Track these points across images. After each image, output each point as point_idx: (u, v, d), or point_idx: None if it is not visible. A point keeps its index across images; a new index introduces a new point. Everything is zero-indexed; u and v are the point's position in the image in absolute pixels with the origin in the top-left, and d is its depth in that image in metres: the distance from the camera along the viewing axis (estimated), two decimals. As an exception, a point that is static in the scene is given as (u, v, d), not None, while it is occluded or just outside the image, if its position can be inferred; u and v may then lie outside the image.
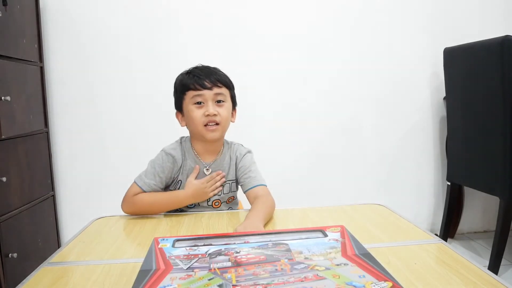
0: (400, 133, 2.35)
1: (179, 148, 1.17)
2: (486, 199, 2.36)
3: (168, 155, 1.15)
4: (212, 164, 1.18)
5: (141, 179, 1.13)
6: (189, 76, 1.13)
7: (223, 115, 1.12)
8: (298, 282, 0.54)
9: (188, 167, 1.16)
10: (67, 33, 2.09)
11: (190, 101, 1.12)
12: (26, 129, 1.80)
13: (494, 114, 1.83)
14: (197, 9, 2.14)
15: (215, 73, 1.14)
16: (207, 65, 1.18)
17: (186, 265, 0.61)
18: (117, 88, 2.14)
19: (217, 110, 1.11)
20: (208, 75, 1.12)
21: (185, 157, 1.16)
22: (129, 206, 1.12)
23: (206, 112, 1.10)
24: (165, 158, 1.14)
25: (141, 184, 1.12)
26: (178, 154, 1.15)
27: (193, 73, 1.13)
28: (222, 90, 1.13)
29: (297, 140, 2.28)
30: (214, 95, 1.11)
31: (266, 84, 2.22)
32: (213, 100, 1.11)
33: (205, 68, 1.15)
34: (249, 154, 1.22)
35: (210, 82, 1.11)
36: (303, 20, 2.22)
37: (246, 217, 1.00)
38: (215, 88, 1.11)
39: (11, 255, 1.58)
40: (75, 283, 0.73)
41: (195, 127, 1.13)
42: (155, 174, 1.13)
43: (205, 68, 1.16)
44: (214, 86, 1.11)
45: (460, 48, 2.05)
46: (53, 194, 2.09)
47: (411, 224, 1.00)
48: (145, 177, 1.13)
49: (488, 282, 0.67)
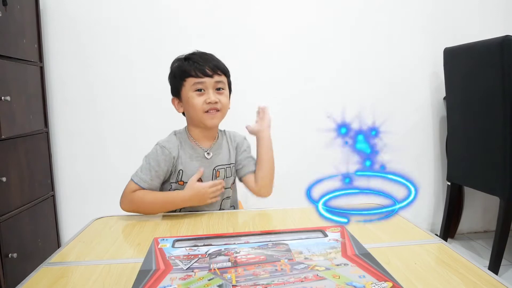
0: (400, 133, 2.35)
1: (173, 139, 1.17)
2: (486, 199, 2.36)
3: (162, 148, 1.14)
4: (211, 148, 1.19)
5: (137, 175, 1.12)
6: (189, 63, 1.13)
7: (224, 102, 1.14)
8: (298, 282, 0.54)
9: (187, 155, 1.16)
10: (67, 33, 2.09)
11: (190, 88, 1.12)
12: (26, 129, 1.80)
13: (494, 114, 1.83)
14: (197, 9, 2.14)
15: (213, 60, 1.14)
16: (203, 51, 1.17)
17: (186, 265, 0.61)
18: (117, 88, 2.14)
19: (217, 97, 1.12)
20: (208, 62, 1.12)
21: (181, 146, 1.16)
22: (127, 204, 1.11)
23: (207, 99, 1.11)
24: (159, 151, 1.14)
25: (137, 180, 1.11)
26: (174, 146, 1.15)
27: (192, 59, 1.13)
28: (221, 78, 1.14)
29: (297, 140, 2.28)
30: (214, 83, 1.12)
31: (266, 84, 2.22)
32: (214, 88, 1.12)
33: (203, 55, 1.15)
34: (246, 140, 1.28)
35: (211, 69, 1.11)
36: (303, 20, 2.22)
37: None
38: (216, 76, 1.12)
39: (11, 255, 1.58)
40: (75, 283, 0.73)
41: (195, 114, 1.13)
42: (150, 169, 1.12)
43: (203, 54, 1.15)
44: (215, 73, 1.12)
45: (460, 48, 2.05)
46: (53, 194, 2.09)
47: (411, 224, 1.00)
48: (141, 173, 1.12)
49: (488, 282, 0.67)
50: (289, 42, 2.22)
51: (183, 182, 1.15)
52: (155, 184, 1.13)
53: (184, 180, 1.15)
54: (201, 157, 1.17)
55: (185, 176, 1.15)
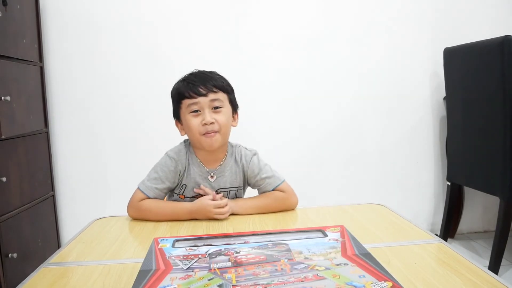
0: (400, 133, 2.35)
1: (183, 151, 1.14)
2: (486, 199, 2.36)
3: (171, 159, 1.12)
4: (216, 171, 1.15)
5: (144, 183, 1.12)
6: (184, 84, 1.10)
7: (221, 121, 1.08)
8: (298, 282, 0.54)
9: (193, 172, 1.13)
10: (67, 33, 2.09)
11: (186, 110, 1.09)
12: (26, 129, 1.80)
13: (494, 114, 1.83)
14: (198, 9, 2.14)
15: (210, 78, 1.10)
16: (203, 70, 1.14)
17: (186, 265, 0.61)
18: (117, 88, 2.14)
19: (214, 117, 1.07)
20: (203, 81, 1.08)
21: (188, 162, 1.14)
22: (134, 212, 1.10)
23: (203, 121, 1.06)
24: (168, 162, 1.12)
25: (143, 188, 1.10)
26: (182, 158, 1.13)
27: (188, 80, 1.10)
28: (218, 96, 1.09)
29: (296, 139, 2.28)
30: (210, 102, 1.07)
31: (266, 84, 2.22)
32: (210, 107, 1.07)
33: (201, 74, 1.12)
34: (255, 157, 1.18)
35: (205, 88, 1.07)
36: (303, 20, 2.22)
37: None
38: (211, 94, 1.07)
39: (11, 255, 1.58)
40: (75, 284, 0.73)
41: (193, 137, 1.10)
42: (157, 178, 1.11)
43: (200, 73, 1.12)
44: (210, 92, 1.07)
45: (460, 48, 2.05)
46: (53, 194, 2.09)
47: (411, 224, 1.00)
48: (147, 182, 1.11)
49: (488, 282, 0.67)
50: (289, 42, 2.22)
51: (184, 196, 1.15)
52: (162, 194, 1.13)
53: (186, 195, 1.15)
54: (205, 178, 1.14)
55: (187, 191, 1.15)
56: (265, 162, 1.19)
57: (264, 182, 1.16)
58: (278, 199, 1.14)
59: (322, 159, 2.31)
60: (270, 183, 1.15)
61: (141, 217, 1.10)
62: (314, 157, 2.30)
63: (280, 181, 1.15)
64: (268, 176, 1.16)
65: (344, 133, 2.31)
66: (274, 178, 1.16)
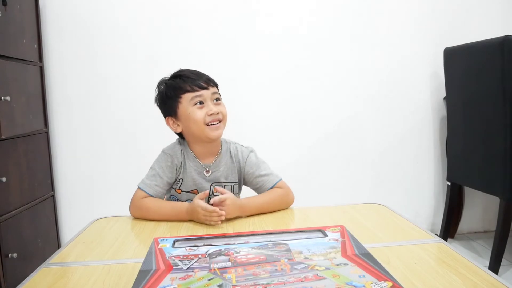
0: (400, 133, 2.35)
1: (177, 146, 1.17)
2: (486, 199, 2.36)
3: (167, 154, 1.15)
4: (211, 165, 1.17)
5: (143, 182, 1.14)
6: (181, 79, 1.13)
7: (224, 112, 1.14)
8: (298, 282, 0.54)
9: (188, 166, 1.16)
10: (67, 33, 2.09)
11: (189, 103, 1.11)
12: (26, 129, 1.80)
13: (494, 114, 1.83)
14: (197, 10, 2.14)
15: (203, 74, 1.15)
16: (188, 68, 1.18)
17: (186, 265, 0.61)
18: (117, 88, 2.14)
19: (217, 108, 1.12)
20: (200, 75, 1.14)
21: (184, 157, 1.16)
22: (136, 211, 1.11)
23: (209, 111, 1.11)
24: (164, 158, 1.15)
25: (143, 186, 1.12)
26: (177, 153, 1.16)
27: (184, 75, 1.14)
28: (215, 90, 1.15)
29: (296, 139, 2.28)
30: (212, 94, 1.13)
31: (266, 83, 2.22)
32: (212, 99, 1.13)
33: (194, 71, 1.16)
34: (252, 154, 1.20)
35: (205, 82, 1.13)
36: (303, 20, 2.22)
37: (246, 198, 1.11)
38: (211, 88, 1.13)
39: (11, 255, 1.58)
40: (75, 284, 0.73)
41: (197, 128, 1.12)
42: (155, 175, 1.14)
43: (193, 71, 1.17)
44: (209, 85, 1.13)
45: (460, 48, 2.05)
46: (53, 194, 2.09)
47: (411, 224, 1.00)
48: (146, 180, 1.14)
49: (488, 282, 0.67)
50: (289, 42, 2.22)
51: (181, 190, 1.17)
52: (161, 191, 1.14)
53: (182, 189, 1.16)
54: (200, 173, 1.16)
55: (183, 185, 1.16)
56: (262, 160, 1.22)
57: (262, 180, 1.18)
58: (279, 196, 1.15)
59: (322, 159, 2.31)
60: (270, 181, 1.18)
61: (142, 215, 1.11)
62: (314, 157, 2.30)
63: (278, 179, 1.18)
64: (267, 174, 1.18)
65: (344, 133, 2.31)
66: (272, 175, 1.19)
